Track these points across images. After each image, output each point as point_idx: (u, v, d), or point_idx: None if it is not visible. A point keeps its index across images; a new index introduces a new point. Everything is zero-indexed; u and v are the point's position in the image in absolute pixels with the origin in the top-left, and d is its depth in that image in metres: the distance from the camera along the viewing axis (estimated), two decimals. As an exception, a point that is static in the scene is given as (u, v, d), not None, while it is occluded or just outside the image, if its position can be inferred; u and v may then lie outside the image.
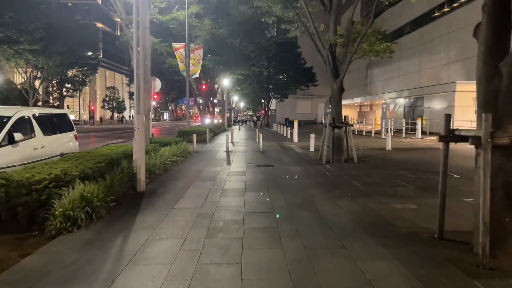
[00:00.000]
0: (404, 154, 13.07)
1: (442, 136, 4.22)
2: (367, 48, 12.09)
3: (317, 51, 11.38)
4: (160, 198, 6.49)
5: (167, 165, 9.75)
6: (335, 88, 10.95)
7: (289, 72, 47.62)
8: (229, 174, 9.04)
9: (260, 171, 9.49)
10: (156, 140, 12.31)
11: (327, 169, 9.84)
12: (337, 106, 11.07)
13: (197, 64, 21.32)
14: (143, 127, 7.16)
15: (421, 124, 20.70)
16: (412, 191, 7.01)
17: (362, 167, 10.09)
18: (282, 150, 14.94)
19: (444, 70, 31.23)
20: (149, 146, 9.83)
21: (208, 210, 5.64)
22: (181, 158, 11.54)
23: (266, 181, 8.06)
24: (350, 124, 11.03)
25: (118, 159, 7.11)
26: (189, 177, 8.57)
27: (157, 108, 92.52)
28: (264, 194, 6.76)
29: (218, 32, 21.00)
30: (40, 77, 39.10)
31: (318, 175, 8.87)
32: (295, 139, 19.76)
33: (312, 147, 14.63)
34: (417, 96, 28.23)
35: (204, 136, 19.35)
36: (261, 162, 11.35)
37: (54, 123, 8.40)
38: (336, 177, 8.54)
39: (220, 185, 7.60)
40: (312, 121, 63.37)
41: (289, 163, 11.11)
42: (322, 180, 8.18)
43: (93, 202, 5.24)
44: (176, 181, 8.09)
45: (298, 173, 9.20)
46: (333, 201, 6.17)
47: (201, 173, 9.21)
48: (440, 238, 4.35)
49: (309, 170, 9.59)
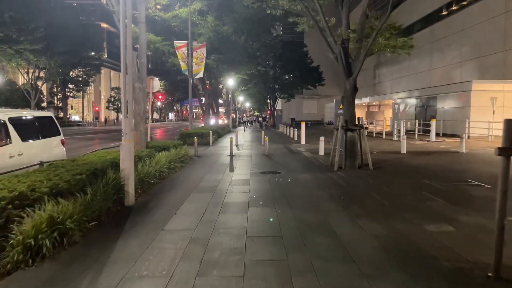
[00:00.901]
0: (422, 159, 12.05)
1: (503, 148, 3.24)
2: (383, 43, 11.09)
3: (327, 47, 10.43)
4: (149, 215, 5.58)
5: (164, 173, 8.86)
6: (348, 87, 9.99)
7: (295, 72, 46.63)
8: (231, 183, 8.12)
9: (266, 179, 8.55)
10: (154, 144, 11.42)
11: (340, 177, 8.88)
12: (350, 107, 10.11)
13: (200, 63, 20.45)
14: (132, 132, 6.26)
15: (435, 126, 19.58)
16: (443, 206, 6.02)
17: (378, 175, 9.11)
18: (289, 154, 13.98)
19: (457, 69, 30.07)
20: (143, 151, 8.95)
21: (204, 233, 4.71)
22: (180, 164, 10.64)
23: (272, 192, 7.12)
24: (364, 126, 10.06)
25: (103, 168, 6.22)
26: (187, 187, 7.65)
27: (162, 109, 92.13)
28: (270, 210, 5.82)
29: (222, 30, 20.10)
30: (42, 78, 38.54)
31: (331, 184, 7.91)
32: (302, 142, 18.79)
33: (321, 150, 13.66)
34: (429, 95, 27.09)
35: (207, 139, 18.46)
36: (266, 168, 10.41)
37: (35, 127, 7.54)
38: (351, 188, 7.58)
39: (220, 198, 6.67)
40: (319, 122, 62.28)
41: (297, 169, 10.16)
42: (336, 191, 7.22)
43: (65, 225, 4.35)
44: (171, 193, 7.18)
45: (308, 182, 8.24)
46: (353, 220, 5.21)
47: (200, 182, 8.29)
48: (497, 277, 3.38)
49: (320, 179, 8.63)
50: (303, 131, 18.85)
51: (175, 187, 7.76)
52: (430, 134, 19.48)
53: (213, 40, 20.64)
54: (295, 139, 22.04)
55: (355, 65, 9.98)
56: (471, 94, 21.52)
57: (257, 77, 43.38)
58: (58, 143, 8.28)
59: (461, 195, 6.80)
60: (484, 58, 26.28)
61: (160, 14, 22.40)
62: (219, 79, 27.24)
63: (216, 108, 32.04)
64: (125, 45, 6.14)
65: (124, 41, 6.15)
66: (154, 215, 5.60)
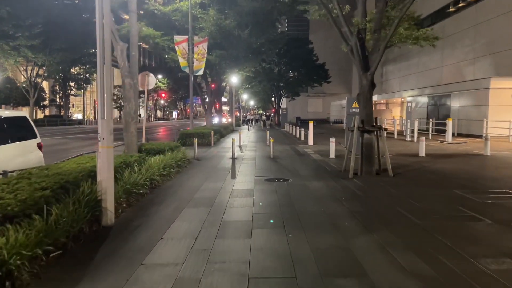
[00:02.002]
0: (444, 163, 10.89)
1: None
2: (404, 33, 9.92)
3: (341, 38, 9.30)
4: (129, 241, 4.51)
5: (156, 181, 7.78)
6: (365, 83, 8.85)
7: (300, 69, 45.39)
8: (232, 194, 7.02)
9: (272, 189, 7.45)
10: (149, 147, 10.36)
11: (357, 186, 7.76)
12: (367, 105, 8.97)
13: (201, 59, 19.35)
14: (111, 137, 5.17)
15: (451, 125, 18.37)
16: (491, 228, 4.89)
17: (400, 183, 7.98)
18: (296, 157, 12.86)
19: (470, 66, 28.76)
20: (133, 156, 7.87)
21: (194, 270, 3.62)
22: (177, 169, 9.57)
23: (280, 206, 6.02)
24: (383, 127, 8.92)
25: (76, 181, 5.14)
26: (180, 199, 6.57)
27: (165, 107, 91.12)
28: (279, 233, 4.72)
29: (225, 24, 18.97)
30: (41, 75, 37.64)
31: (348, 196, 6.79)
32: (310, 142, 17.65)
33: (332, 153, 12.52)
34: (442, 93, 25.84)
35: (208, 139, 17.39)
36: (272, 173, 9.31)
37: (4, 130, 6.48)
38: (372, 200, 6.46)
39: (218, 215, 5.58)
40: (325, 120, 61.03)
41: (307, 176, 9.04)
42: (355, 205, 6.10)
43: (8, 263, 3.29)
44: (161, 206, 6.10)
45: (322, 192, 7.13)
46: (385, 252, 4.09)
47: (197, 192, 7.20)
48: None
49: (335, 188, 7.51)
50: (310, 131, 17.71)
51: (167, 198, 6.67)
52: (446, 134, 18.27)
53: (215, 34, 19.51)
54: (302, 139, 20.91)
55: (372, 58, 8.84)
56: (489, 91, 20.26)
57: (261, 75, 42.20)
58: (34, 147, 7.23)
59: (508, 212, 5.66)
60: (499, 54, 24.96)
61: (160, 7, 21.33)
62: (221, 76, 26.12)
63: (219, 106, 30.93)
64: (101, 23, 5.02)
65: (100, 18, 5.02)
66: (136, 240, 4.52)
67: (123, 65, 8.74)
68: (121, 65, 8.76)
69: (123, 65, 8.75)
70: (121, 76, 8.85)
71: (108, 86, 5.11)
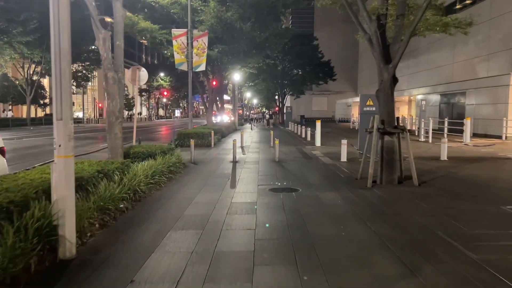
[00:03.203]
0: (473, 169, 9.64)
1: None
2: (431, 19, 8.66)
3: (358, 26, 8.07)
4: (90, 283, 3.32)
5: (142, 192, 6.60)
6: (386, 77, 7.61)
7: (305, 67, 44.04)
8: (230, 210, 5.81)
9: (278, 202, 6.24)
10: (138, 151, 9.16)
11: (380, 198, 6.53)
12: (388, 103, 7.73)
13: (201, 54, 18.14)
14: (70, 143, 3.97)
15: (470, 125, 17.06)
16: None
17: (431, 195, 6.75)
18: (304, 160, 11.64)
19: (483, 62, 27.39)
20: (114, 163, 6.68)
21: None
22: (169, 176, 8.38)
23: (289, 230, 4.81)
24: (407, 129, 7.68)
25: (25, 200, 3.96)
26: (166, 218, 5.37)
27: (168, 105, 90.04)
28: (289, 276, 3.50)
29: (226, 16, 17.72)
30: (38, 72, 36.59)
31: (372, 213, 5.57)
32: (317, 143, 16.42)
33: (343, 156, 11.28)
34: (456, 91, 24.50)
35: (208, 139, 16.19)
36: (278, 181, 8.10)
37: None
38: (404, 220, 5.22)
39: (210, 242, 4.37)
40: (330, 119, 59.71)
41: (318, 184, 7.83)
42: (385, 228, 4.87)
43: None
44: (141, 228, 4.90)
45: (338, 208, 5.91)
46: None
47: (188, 206, 6.01)
48: None
49: (354, 202, 6.29)
50: (318, 131, 16.46)
51: (151, 216, 5.48)
52: (464, 134, 16.98)
53: (215, 28, 18.27)
54: (308, 139, 19.67)
55: (394, 48, 7.59)
56: (510, 88, 18.93)
57: (265, 72, 40.93)
58: (-6, 153, 6.05)
59: None
60: (516, 49, 23.60)
61: (158, 0, 20.10)
62: (223, 72, 24.91)
63: (221, 104, 29.74)
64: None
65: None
66: (97, 284, 3.33)
67: (106, 56, 7.56)
68: (103, 56, 7.58)
69: (106, 56, 7.56)
70: (103, 68, 7.67)
71: (67, 79, 3.91)
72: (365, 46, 60.27)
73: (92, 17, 7.29)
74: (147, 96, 76.62)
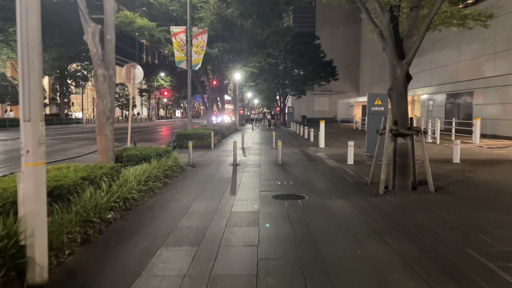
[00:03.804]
0: (491, 173, 9.03)
1: None
2: (448, 11, 8.05)
3: (369, 19, 7.47)
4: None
5: (133, 199, 6.01)
6: (400, 74, 7.00)
7: (307, 66, 43.37)
8: (229, 221, 5.21)
9: (283, 212, 5.64)
10: (131, 153, 8.55)
11: (395, 207, 5.93)
12: (401, 102, 7.13)
13: (200, 52, 17.58)
14: (41, 148, 3.38)
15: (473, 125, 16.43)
16: None
17: (451, 204, 6.14)
18: (308, 163, 11.04)
19: (490, 61, 26.74)
20: (102, 169, 6.09)
21: None
22: (165, 180, 7.79)
23: (297, 247, 4.20)
24: (422, 130, 7.07)
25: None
26: (157, 232, 4.78)
27: (169, 106, 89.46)
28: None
29: (226, 13, 17.12)
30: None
31: (389, 226, 4.96)
32: (321, 144, 15.82)
33: (350, 159, 10.68)
34: (463, 90, 23.87)
35: (208, 141, 15.60)
36: (282, 186, 7.50)
37: None
38: (426, 234, 4.61)
39: (206, 263, 3.77)
40: (331, 119, 59.05)
41: (325, 190, 7.22)
42: (405, 244, 4.26)
43: None
44: (127, 245, 4.31)
45: (351, 219, 5.31)
46: None
47: (183, 217, 5.41)
48: None
49: (367, 211, 5.68)
50: (322, 132, 15.85)
51: (141, 228, 4.89)
52: (473, 135, 16.35)
53: (216, 25, 17.68)
54: (311, 140, 19.07)
55: (408, 43, 6.99)
56: (520, 88, 18.32)
57: (266, 71, 40.30)
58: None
59: None
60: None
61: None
62: (224, 71, 24.32)
63: (222, 104, 29.15)
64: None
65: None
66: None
67: (95, 51, 6.98)
68: (92, 52, 7.00)
69: (95, 52, 6.98)
70: (93, 65, 7.09)
71: (36, 73, 3.32)
72: (367, 45, 59.80)
73: (80, 9, 6.72)
74: (148, 96, 76.09)
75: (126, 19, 18.25)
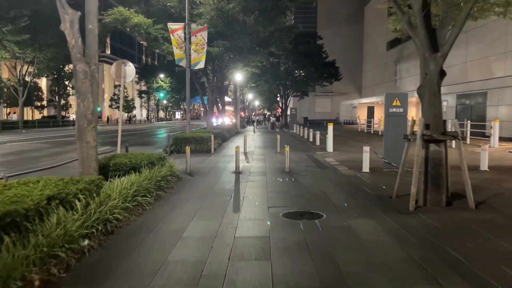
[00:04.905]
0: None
1: None
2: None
3: (394, 5, 6.42)
4: None
5: (116, 220, 4.95)
6: (433, 69, 5.94)
7: (309, 67, 42.30)
8: (233, 253, 4.13)
9: (300, 239, 4.55)
10: (120, 162, 7.48)
11: (435, 230, 4.85)
12: (434, 102, 6.06)
13: (200, 50, 16.53)
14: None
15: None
16: None
17: (503, 225, 5.06)
18: (319, 171, 9.97)
19: (500, 61, 25.73)
20: (80, 183, 5.01)
21: None
22: (157, 193, 6.73)
23: (325, 293, 3.14)
24: (459, 135, 6.00)
25: None
26: (141, 268, 3.71)
27: (168, 107, 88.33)
28: None
29: (227, 8, 16.07)
30: (31, 73, 35.03)
31: (437, 259, 3.88)
32: (329, 149, 14.74)
33: (365, 166, 9.61)
34: (474, 91, 22.81)
35: (207, 145, 14.53)
36: (293, 201, 6.43)
37: None
38: (487, 272, 3.53)
39: (203, 326, 2.71)
40: (334, 121, 58.01)
41: (345, 206, 6.15)
42: (467, 289, 3.21)
43: None
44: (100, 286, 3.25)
45: (385, 249, 4.23)
46: None
47: (175, 247, 4.33)
48: None
49: (402, 237, 4.61)
50: (330, 136, 14.77)
51: (121, 263, 3.82)
52: (492, 139, 15.28)
53: (216, 21, 16.62)
54: (317, 143, 18.00)
55: (442, 33, 5.93)
56: (539, 88, 17.27)
57: (268, 72, 39.25)
58: None
59: None
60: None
61: (153, -8, 18.52)
62: (224, 71, 23.27)
63: (222, 106, 28.10)
64: None
65: None
66: None
67: (74, 43, 5.93)
68: (71, 44, 5.95)
69: (74, 44, 5.93)
70: (72, 59, 6.03)
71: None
72: (369, 46, 58.77)
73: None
74: (147, 97, 75.04)
75: (120, 16, 17.21)
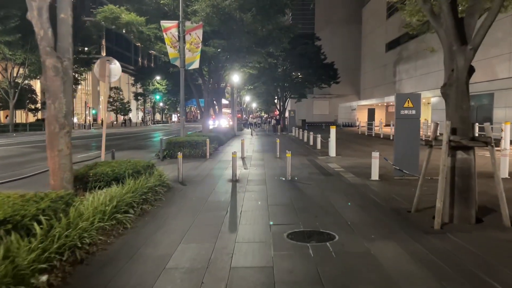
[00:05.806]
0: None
1: None
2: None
3: None
4: None
5: (89, 244, 4.09)
6: (462, 64, 5.12)
7: (308, 69, 41.46)
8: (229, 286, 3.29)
9: (311, 271, 3.70)
10: (101, 171, 6.59)
11: (471, 256, 4.02)
12: (462, 103, 5.23)
13: (195, 49, 15.70)
14: None
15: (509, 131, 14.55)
16: None
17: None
18: (324, 178, 9.13)
19: (504, 62, 25.10)
20: (44, 201, 4.14)
21: None
22: (142, 208, 5.87)
23: None
24: (492, 141, 5.17)
25: None
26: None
27: (164, 110, 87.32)
28: None
29: (224, 5, 15.25)
30: (22, 75, 34.09)
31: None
32: (331, 153, 13.90)
33: (375, 173, 8.77)
34: (480, 92, 22.09)
35: (203, 149, 13.67)
36: (298, 217, 5.58)
37: None
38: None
39: None
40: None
41: (359, 223, 5.30)
42: None
43: None
44: None
45: (416, 284, 3.39)
46: None
47: (156, 281, 3.46)
48: None
49: (432, 265, 3.77)
50: (333, 140, 13.94)
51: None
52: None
53: (211, 19, 15.77)
54: (318, 147, 17.16)
55: (472, 22, 5.13)
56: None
57: (265, 74, 38.39)
58: None
59: None
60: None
61: (146, -11, 17.69)
62: (221, 72, 22.44)
63: (219, 108, 27.26)
64: None
65: None
66: None
67: (43, 35, 5.06)
68: (39, 35, 5.08)
69: (43, 35, 5.06)
70: (41, 53, 5.17)
71: None
72: (368, 47, 58.11)
73: None
74: (143, 100, 74.10)
75: (110, 14, 16.40)
